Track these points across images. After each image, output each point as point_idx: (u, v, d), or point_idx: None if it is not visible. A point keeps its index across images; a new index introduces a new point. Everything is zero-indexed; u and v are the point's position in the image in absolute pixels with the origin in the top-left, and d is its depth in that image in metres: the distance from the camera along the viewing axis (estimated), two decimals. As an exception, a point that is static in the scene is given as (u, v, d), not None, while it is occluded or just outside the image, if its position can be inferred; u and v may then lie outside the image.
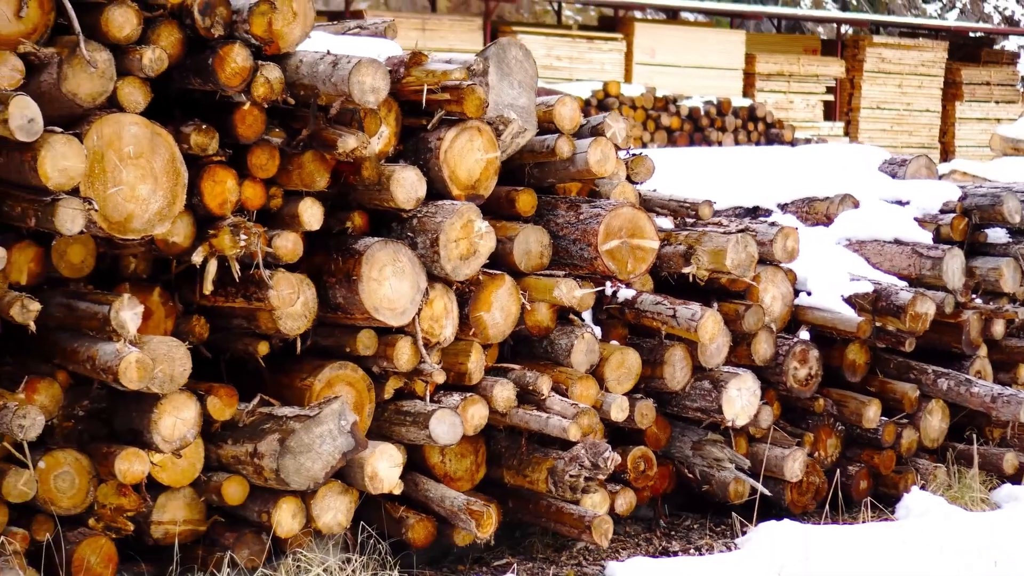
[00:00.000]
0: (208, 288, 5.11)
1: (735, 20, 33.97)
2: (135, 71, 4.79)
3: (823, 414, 6.68)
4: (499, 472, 5.93)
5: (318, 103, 5.15)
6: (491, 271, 5.71)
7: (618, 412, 5.91)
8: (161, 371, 4.81)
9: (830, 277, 6.64)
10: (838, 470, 6.64)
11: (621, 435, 6.22)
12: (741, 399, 6.17)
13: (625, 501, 6.07)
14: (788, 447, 6.41)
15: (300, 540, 5.34)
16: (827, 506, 6.56)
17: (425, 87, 5.44)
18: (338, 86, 5.01)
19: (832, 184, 7.42)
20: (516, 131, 5.75)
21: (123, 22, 4.74)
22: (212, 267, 5.08)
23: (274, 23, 5.02)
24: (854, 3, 45.00)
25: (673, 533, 6.40)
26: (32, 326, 4.65)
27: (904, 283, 6.76)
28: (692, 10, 34.61)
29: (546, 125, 5.96)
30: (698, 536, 6.36)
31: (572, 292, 5.76)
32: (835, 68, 32.10)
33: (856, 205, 7.26)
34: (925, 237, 7.03)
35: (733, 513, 6.26)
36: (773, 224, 6.46)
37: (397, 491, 5.47)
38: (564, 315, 6.06)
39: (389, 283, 5.33)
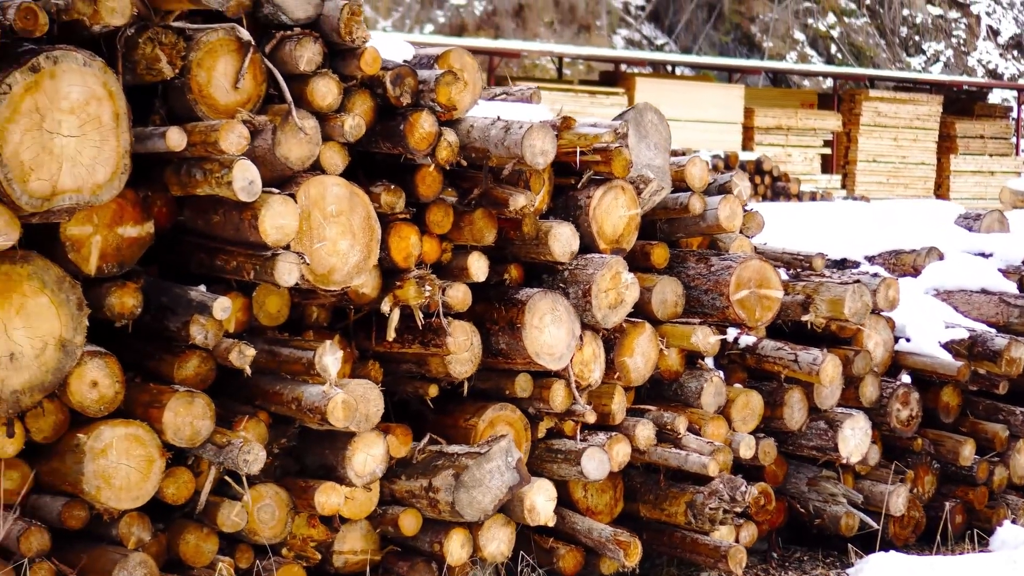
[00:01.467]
0: (391, 335, 5.55)
1: (733, 75, 34.63)
2: (336, 136, 5.24)
3: (921, 452, 7.13)
4: (634, 506, 6.36)
5: (488, 164, 5.61)
6: (633, 319, 6.15)
7: (746, 450, 6.35)
8: (358, 411, 5.23)
9: (926, 324, 7.10)
10: (947, 504, 7.08)
11: (742, 472, 6.64)
12: (855, 438, 6.62)
13: (748, 533, 6.50)
14: (892, 483, 6.85)
15: (466, 569, 5.75)
16: (937, 538, 6.99)
17: (578, 149, 5.89)
18: (511, 149, 5.48)
19: (915, 237, 7.90)
20: (654, 189, 6.22)
21: (326, 92, 5.20)
22: (395, 316, 5.53)
23: (452, 91, 5.48)
24: (839, 57, 45.82)
25: (787, 564, 6.83)
26: (248, 370, 5.07)
27: (994, 330, 7.23)
28: (687, 64, 35.32)
29: (677, 183, 6.43)
30: (811, 567, 6.79)
31: (707, 339, 6.22)
32: (832, 122, 32.81)
33: (941, 257, 7.75)
34: (1010, 287, 7.51)
35: (849, 545, 6.70)
36: (875, 275, 6.94)
37: (551, 523, 5.90)
38: (690, 360, 6.51)
39: (548, 330, 5.78)
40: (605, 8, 43.96)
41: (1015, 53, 49.56)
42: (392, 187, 5.44)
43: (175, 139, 4.82)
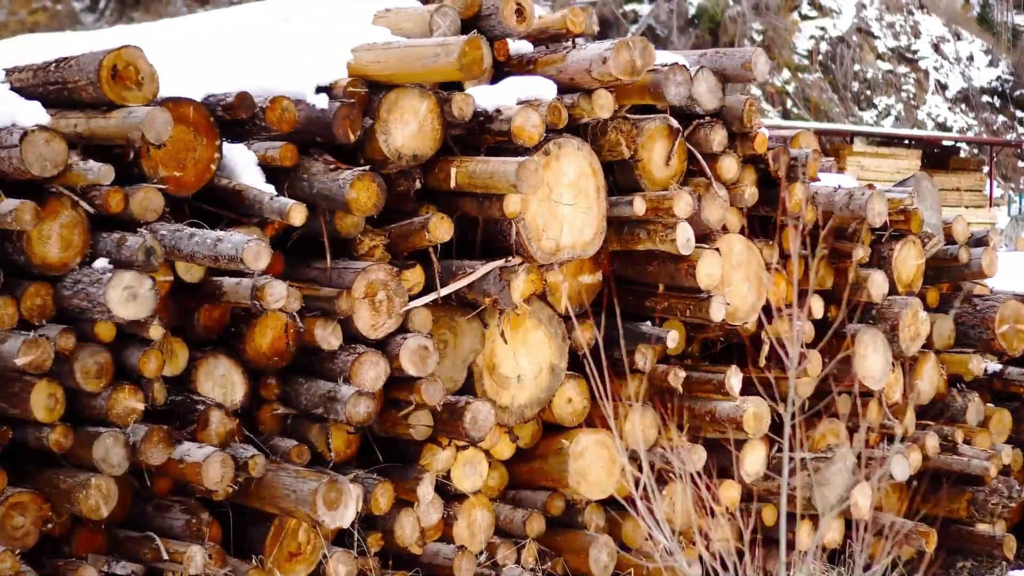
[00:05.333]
0: (762, 362, 6.85)
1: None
2: (736, 203, 6.56)
3: (1120, 462, 8.53)
4: (914, 504, 7.68)
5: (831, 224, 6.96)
6: (921, 349, 7.50)
7: (1007, 458, 7.71)
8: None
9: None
10: None
11: (990, 477, 7.98)
12: (1083, 447, 8.01)
13: (1000, 528, 7.84)
14: (1103, 487, 8.24)
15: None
16: None
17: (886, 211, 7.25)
18: (855, 211, 6.83)
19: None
20: (934, 243, 7.59)
21: (730, 167, 6.52)
22: (766, 346, 6.83)
23: (816, 167, 6.82)
24: (794, 112, 47.55)
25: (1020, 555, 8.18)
26: (680, 388, 6.36)
27: None
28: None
29: (946, 237, 7.81)
30: (1041, 556, 8.15)
31: (980, 365, 7.59)
32: (819, 175, 34.40)
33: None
34: None
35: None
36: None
37: (868, 518, 7.20)
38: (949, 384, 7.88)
39: (871, 358, 7.11)
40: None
41: (963, 107, 51.48)
42: (771, 243, 6.77)
43: (639, 206, 6.13)
